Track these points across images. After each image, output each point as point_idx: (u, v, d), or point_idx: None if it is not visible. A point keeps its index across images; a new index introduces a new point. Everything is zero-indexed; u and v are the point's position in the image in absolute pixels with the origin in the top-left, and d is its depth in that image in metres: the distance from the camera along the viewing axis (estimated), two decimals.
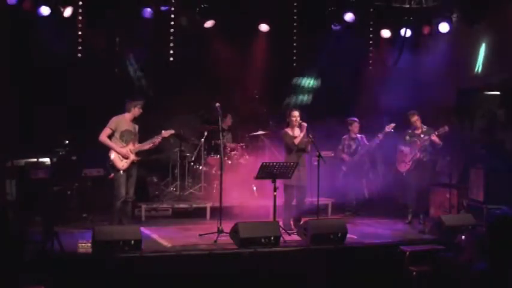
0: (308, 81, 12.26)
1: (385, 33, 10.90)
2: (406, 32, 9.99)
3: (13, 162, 9.34)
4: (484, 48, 10.63)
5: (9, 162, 9.28)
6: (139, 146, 8.20)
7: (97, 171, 9.52)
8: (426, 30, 10.79)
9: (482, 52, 10.65)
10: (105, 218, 8.65)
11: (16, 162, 9.39)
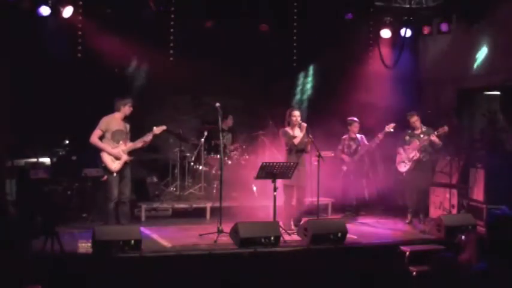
0: (308, 81, 12.26)
1: (385, 33, 10.90)
2: (406, 32, 9.99)
3: (13, 162, 9.34)
4: (484, 48, 10.63)
5: (9, 162, 9.28)
6: (131, 145, 8.04)
7: (97, 171, 9.49)
8: (426, 30, 10.80)
9: (482, 52, 10.65)
10: (104, 219, 8.66)
11: (16, 162, 9.39)
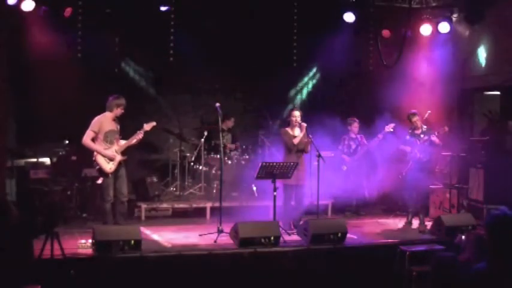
0: (307, 81, 12.26)
1: (385, 33, 10.89)
2: (406, 32, 9.96)
3: (13, 162, 9.35)
4: (484, 48, 10.62)
5: (9, 162, 9.28)
6: (124, 144, 7.93)
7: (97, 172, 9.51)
8: (426, 30, 10.79)
9: (482, 52, 10.65)
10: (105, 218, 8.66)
11: (16, 162, 9.40)
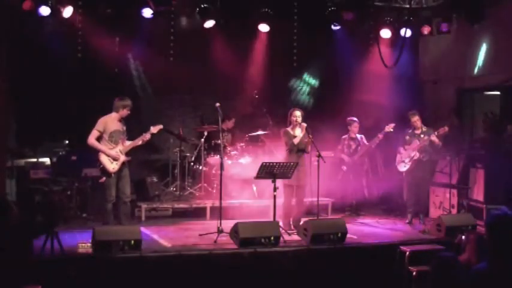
0: (308, 81, 12.26)
1: (385, 33, 10.89)
2: (406, 32, 9.98)
3: (13, 162, 9.34)
4: (484, 48, 10.63)
5: (9, 162, 9.28)
6: (129, 145, 7.97)
7: (97, 171, 9.48)
8: (426, 30, 10.79)
9: (482, 52, 10.65)
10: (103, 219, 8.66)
11: (16, 162, 9.39)
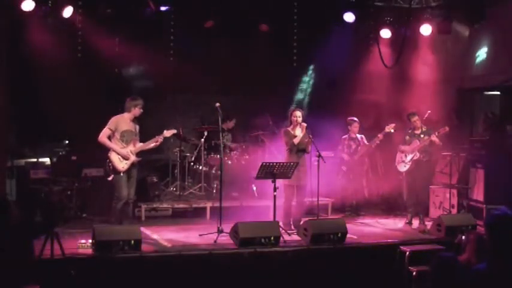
0: (308, 81, 12.26)
1: (385, 33, 10.89)
2: (406, 32, 9.98)
3: (13, 162, 9.35)
4: (484, 48, 10.62)
5: (9, 162, 9.28)
6: (140, 146, 7.99)
7: (97, 171, 9.52)
8: (426, 30, 10.79)
9: (482, 52, 10.65)
10: (105, 218, 8.66)
11: (16, 162, 9.40)
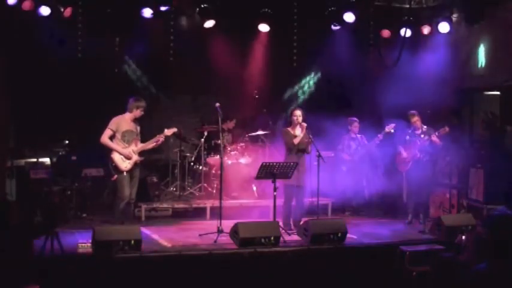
0: (308, 81, 12.26)
1: (385, 33, 10.89)
2: (406, 32, 9.99)
3: (13, 162, 9.35)
4: (484, 48, 10.62)
5: (9, 162, 9.28)
6: (142, 146, 8.05)
7: (97, 171, 9.53)
8: (426, 30, 10.79)
9: (482, 52, 10.64)
10: (105, 218, 8.67)
11: (16, 162, 9.40)
